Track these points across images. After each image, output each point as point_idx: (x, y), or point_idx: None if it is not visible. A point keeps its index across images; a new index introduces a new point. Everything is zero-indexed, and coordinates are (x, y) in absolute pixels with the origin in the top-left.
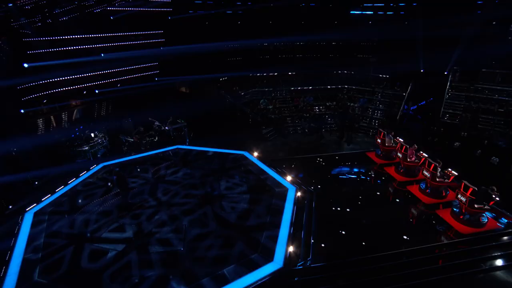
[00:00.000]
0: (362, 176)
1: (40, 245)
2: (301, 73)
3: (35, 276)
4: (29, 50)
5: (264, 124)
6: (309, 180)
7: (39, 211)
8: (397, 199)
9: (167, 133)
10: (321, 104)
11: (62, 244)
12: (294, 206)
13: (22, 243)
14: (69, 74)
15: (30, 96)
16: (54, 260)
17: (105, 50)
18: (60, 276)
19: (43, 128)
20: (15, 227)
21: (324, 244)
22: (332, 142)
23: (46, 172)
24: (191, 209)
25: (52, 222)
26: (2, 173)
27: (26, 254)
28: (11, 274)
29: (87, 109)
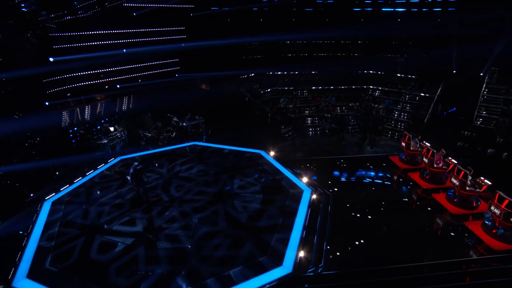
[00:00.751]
0: (384, 181)
1: (54, 233)
2: (324, 72)
3: (46, 264)
4: (54, 45)
5: (283, 124)
6: (327, 183)
7: (57, 201)
8: (421, 207)
9: (185, 129)
10: (344, 104)
11: (74, 234)
12: (308, 208)
13: (39, 230)
14: (91, 69)
15: (54, 89)
16: (66, 249)
17: (127, 45)
18: (69, 265)
19: (67, 120)
20: (34, 214)
21: (338, 251)
22: (353, 144)
23: (67, 163)
24: (202, 207)
25: (68, 212)
26: (26, 162)
27: (41, 241)
28: (25, 260)
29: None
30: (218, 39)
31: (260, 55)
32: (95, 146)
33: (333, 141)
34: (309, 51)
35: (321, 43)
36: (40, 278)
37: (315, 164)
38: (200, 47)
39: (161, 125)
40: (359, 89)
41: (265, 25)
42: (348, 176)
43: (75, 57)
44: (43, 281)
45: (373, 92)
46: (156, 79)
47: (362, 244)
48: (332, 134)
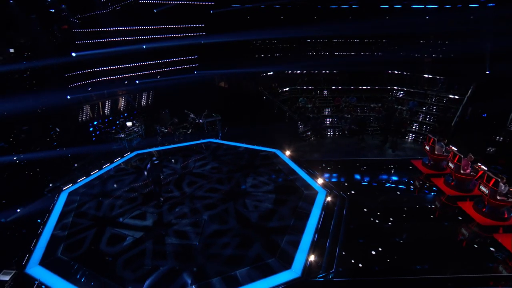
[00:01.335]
0: (405, 186)
1: (68, 223)
2: (346, 72)
3: (58, 252)
4: (76, 40)
5: (301, 123)
6: (344, 185)
7: (73, 191)
8: (444, 216)
9: (201, 126)
10: (365, 105)
11: (86, 225)
12: (322, 211)
13: (54, 219)
14: (111, 64)
15: (76, 83)
16: (77, 239)
17: (147, 42)
18: (79, 255)
19: (88, 114)
20: (51, 204)
21: (352, 257)
22: (374, 146)
23: (85, 155)
24: (213, 204)
25: (82, 202)
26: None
27: (55, 230)
28: (39, 247)
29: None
30: (238, 37)
31: (280, 53)
32: (113, 140)
33: (353, 143)
34: (331, 50)
35: (343, 42)
36: (51, 266)
37: (332, 165)
38: (219, 44)
39: (177, 121)
40: (382, 90)
41: (286, 22)
42: (366, 179)
43: (96, 52)
44: (54, 269)
45: (396, 93)
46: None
47: (379, 252)
48: (352, 135)
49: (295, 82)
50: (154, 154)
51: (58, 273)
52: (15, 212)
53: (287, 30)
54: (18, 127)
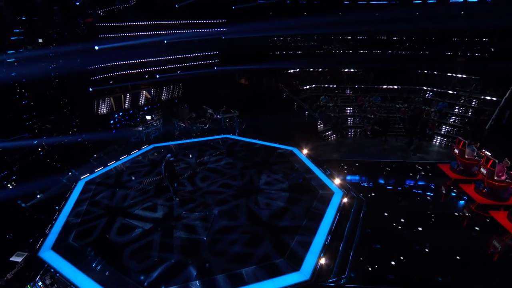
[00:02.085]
0: (430, 191)
1: (82, 211)
2: (370, 70)
3: (70, 239)
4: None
5: (322, 122)
6: (362, 187)
7: (90, 181)
8: (474, 225)
9: (219, 121)
10: (389, 105)
11: (98, 214)
12: (337, 212)
13: (69, 206)
14: (133, 58)
15: (98, 77)
16: (89, 227)
17: (168, 37)
18: (88, 243)
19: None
20: (68, 191)
21: (367, 263)
22: (397, 148)
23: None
24: (224, 199)
25: (97, 192)
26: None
27: (69, 217)
28: (53, 232)
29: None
30: (259, 33)
31: (301, 50)
32: (131, 133)
33: (375, 144)
34: (355, 48)
35: (368, 39)
36: (62, 252)
37: (351, 166)
38: (240, 40)
39: (195, 116)
40: (409, 90)
41: (310, 18)
42: (388, 182)
43: (118, 45)
44: (64, 254)
45: (425, 93)
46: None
47: (397, 259)
48: (374, 136)
49: (317, 80)
50: (171, 151)
51: (67, 259)
52: (35, 197)
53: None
54: (44, 116)
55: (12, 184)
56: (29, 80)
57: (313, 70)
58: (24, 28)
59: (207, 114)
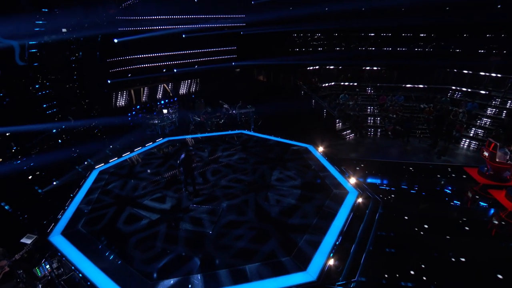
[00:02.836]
0: (455, 196)
1: (93, 199)
2: (394, 68)
3: (79, 225)
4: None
5: (340, 121)
6: (380, 188)
7: (103, 170)
8: (503, 235)
9: (234, 116)
10: (413, 105)
11: (108, 203)
12: (351, 212)
13: (82, 194)
14: (151, 52)
15: (117, 69)
16: (98, 215)
17: (186, 32)
18: (96, 230)
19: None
20: (82, 180)
21: (380, 268)
22: (420, 150)
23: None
24: (234, 194)
25: (109, 181)
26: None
27: (81, 204)
28: (64, 218)
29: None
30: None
31: (321, 47)
32: (147, 125)
33: (396, 145)
34: (379, 44)
35: (392, 37)
36: (71, 237)
37: (369, 166)
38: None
39: (210, 111)
40: (435, 89)
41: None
42: (408, 184)
43: (136, 37)
44: (72, 239)
45: (453, 93)
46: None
47: (414, 266)
48: (396, 137)
49: (337, 78)
50: (190, 144)
51: (75, 244)
52: (51, 183)
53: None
54: (67, 107)
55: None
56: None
57: (333, 68)
58: (46, 19)
59: (223, 109)
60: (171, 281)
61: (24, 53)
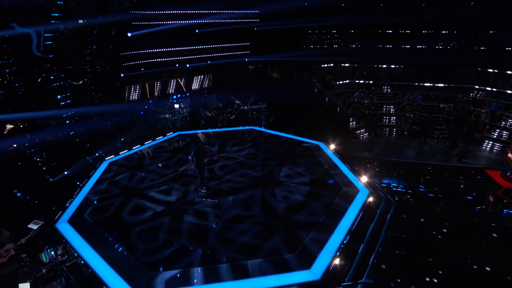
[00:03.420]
0: (475, 199)
1: (101, 189)
2: (413, 66)
3: (85, 214)
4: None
5: (355, 119)
6: (393, 189)
7: (113, 162)
8: None
9: (246, 112)
10: (432, 105)
11: (116, 193)
12: (360, 212)
13: (90, 184)
14: (164, 46)
15: (130, 63)
16: (104, 205)
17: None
18: (102, 219)
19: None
20: (91, 170)
21: (390, 270)
22: (438, 151)
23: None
24: (240, 189)
25: (118, 173)
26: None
27: (89, 194)
28: (72, 207)
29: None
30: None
31: (337, 44)
32: (158, 119)
33: (412, 145)
34: (396, 42)
35: (411, 33)
36: (76, 225)
37: (383, 165)
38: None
39: (221, 106)
40: (456, 89)
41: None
42: (424, 185)
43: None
44: (78, 228)
45: (477, 93)
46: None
47: (425, 270)
48: (412, 137)
49: (353, 76)
50: (203, 138)
51: (80, 232)
52: (62, 173)
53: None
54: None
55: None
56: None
57: (348, 66)
58: (62, 12)
59: (234, 105)
60: (171, 273)
61: (40, 43)
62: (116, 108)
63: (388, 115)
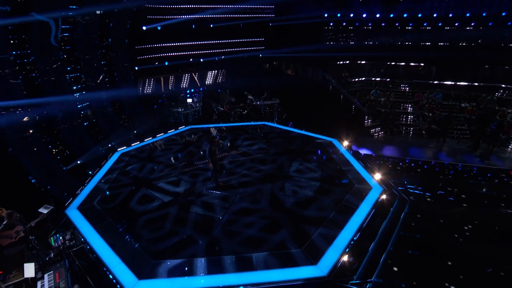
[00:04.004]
0: (498, 202)
1: (111, 179)
2: (433, 64)
3: (95, 201)
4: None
5: (370, 117)
6: (409, 188)
7: (125, 153)
8: None
9: (258, 108)
10: (453, 104)
11: (125, 183)
12: (372, 209)
13: (101, 173)
14: (178, 41)
15: (144, 56)
16: (114, 194)
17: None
18: (110, 207)
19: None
20: (103, 160)
21: (402, 271)
22: (458, 151)
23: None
24: (249, 182)
25: (129, 163)
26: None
27: (99, 182)
28: (82, 194)
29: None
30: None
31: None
32: (170, 113)
33: (430, 145)
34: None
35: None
36: (85, 212)
37: (398, 164)
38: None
39: (234, 101)
40: (479, 87)
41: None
42: (443, 186)
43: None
44: (86, 214)
45: (503, 92)
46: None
47: (448, 276)
48: (430, 136)
49: (370, 73)
50: (216, 132)
51: (88, 219)
52: (75, 162)
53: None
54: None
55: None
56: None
57: (365, 63)
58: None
59: (247, 100)
60: (174, 262)
61: (57, 34)
62: (130, 100)
63: (405, 114)
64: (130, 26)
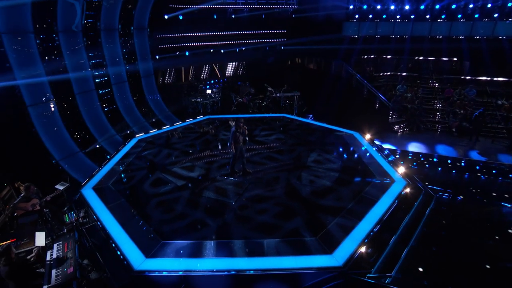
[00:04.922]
0: None
1: (127, 162)
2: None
3: (109, 183)
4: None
5: (395, 113)
6: (436, 184)
7: (142, 139)
8: None
9: (278, 100)
10: (488, 101)
11: (141, 166)
12: (394, 202)
13: (118, 157)
14: (200, 31)
15: (165, 46)
16: (128, 175)
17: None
18: (123, 188)
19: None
20: (120, 145)
21: (425, 269)
22: (493, 150)
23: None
24: (265, 170)
25: (146, 148)
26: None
27: (116, 165)
28: (99, 175)
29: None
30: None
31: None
32: (189, 103)
33: (460, 143)
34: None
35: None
36: (100, 192)
37: (425, 160)
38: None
39: (253, 92)
40: None
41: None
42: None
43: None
44: (101, 194)
45: None
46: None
47: (465, 274)
48: (461, 135)
49: (396, 68)
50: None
51: (102, 199)
52: (94, 145)
53: None
54: None
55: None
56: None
57: (391, 57)
58: None
59: (266, 92)
60: (183, 243)
61: (82, 18)
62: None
63: (434, 111)
64: (151, 14)
